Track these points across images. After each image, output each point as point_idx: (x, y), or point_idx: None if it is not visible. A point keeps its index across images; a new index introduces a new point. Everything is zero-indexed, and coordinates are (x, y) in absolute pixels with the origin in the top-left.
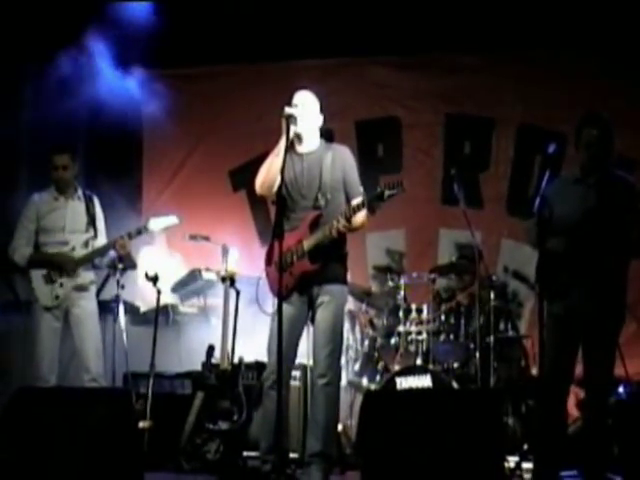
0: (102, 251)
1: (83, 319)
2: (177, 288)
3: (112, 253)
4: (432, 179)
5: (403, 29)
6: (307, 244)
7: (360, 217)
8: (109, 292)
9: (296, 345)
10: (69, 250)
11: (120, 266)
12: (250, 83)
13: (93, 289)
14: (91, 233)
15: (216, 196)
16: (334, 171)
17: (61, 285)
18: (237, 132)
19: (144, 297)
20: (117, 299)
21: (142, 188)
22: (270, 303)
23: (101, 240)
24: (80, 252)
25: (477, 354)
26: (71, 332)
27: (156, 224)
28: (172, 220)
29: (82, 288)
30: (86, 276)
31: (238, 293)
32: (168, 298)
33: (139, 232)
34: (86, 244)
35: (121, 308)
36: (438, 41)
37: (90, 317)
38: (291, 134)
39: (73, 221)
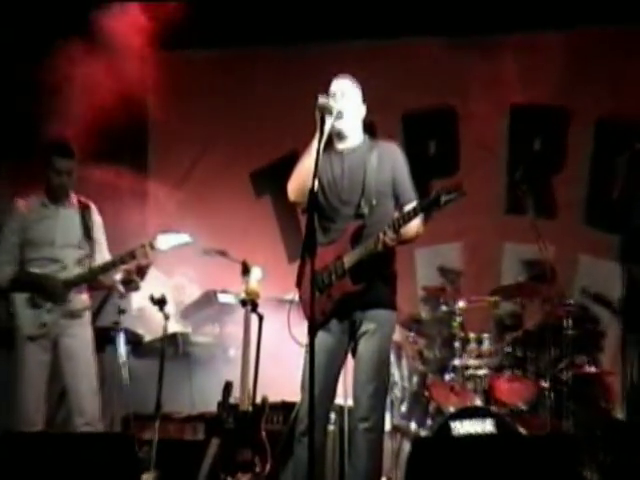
0: (106, 268)
1: (75, 351)
2: (188, 313)
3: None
4: (494, 183)
5: (460, 3)
6: (348, 260)
7: (413, 227)
8: (107, 318)
9: (334, 382)
10: (59, 269)
11: (121, 289)
12: (276, 69)
13: (87, 315)
14: (86, 249)
15: (235, 203)
16: (381, 172)
17: (49, 310)
18: (261, 127)
19: (149, 324)
20: (116, 327)
21: (146, 193)
22: (303, 331)
23: (103, 256)
24: (73, 271)
25: (549, 393)
26: (61, 366)
27: (165, 242)
28: (183, 238)
29: (74, 314)
30: (79, 300)
31: (261, 319)
32: (177, 325)
33: (146, 249)
34: (80, 262)
35: (121, 337)
36: (504, 18)
37: (84, 348)
38: (327, 129)
39: (65, 234)
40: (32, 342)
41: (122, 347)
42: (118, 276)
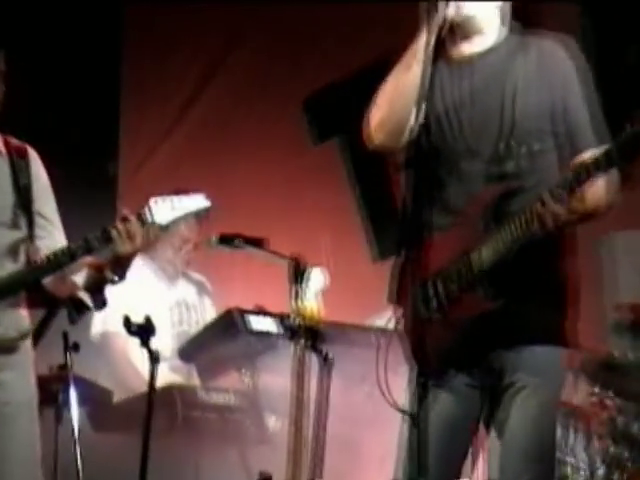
0: (61, 262)
1: (5, 410)
2: (195, 351)
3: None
4: None
5: None
6: (481, 257)
7: (599, 191)
8: (47, 358)
9: (457, 473)
10: None
11: (87, 301)
12: None
13: (27, 347)
14: (22, 228)
15: (272, 155)
16: (540, 93)
17: None
18: (314, 27)
19: (122, 370)
20: (63, 374)
21: (118, 149)
22: (402, 384)
23: (54, 240)
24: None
25: None
26: None
27: (164, 211)
28: (196, 203)
29: (3, 345)
30: (12, 320)
31: (326, 360)
32: (174, 373)
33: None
34: (12, 251)
35: (71, 394)
36: None
37: (20, 406)
38: (439, 21)
39: None
40: None
41: (73, 411)
42: (80, 277)
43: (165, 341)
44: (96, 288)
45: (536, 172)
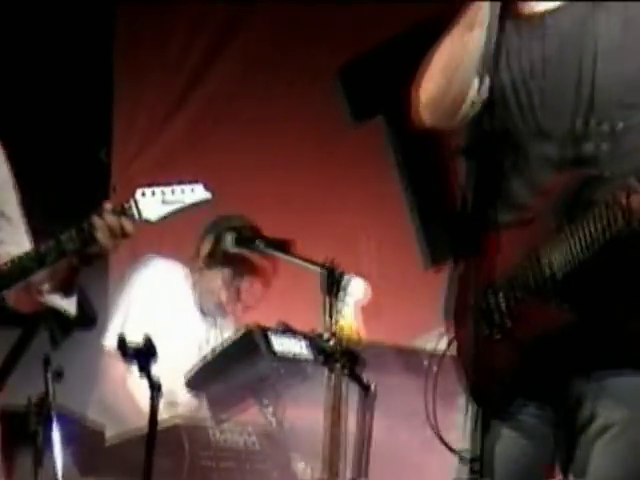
0: (30, 268)
1: None
2: (205, 378)
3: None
4: None
5: None
6: (556, 258)
7: None
8: (22, 389)
9: None
10: None
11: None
12: None
13: None
14: None
15: (297, 142)
16: (624, 59)
17: None
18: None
19: (115, 402)
20: (44, 410)
21: (110, 135)
22: (459, 420)
23: (16, 243)
24: None
25: None
26: None
27: (154, 204)
28: (195, 194)
29: None
30: None
31: (367, 390)
32: (180, 406)
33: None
34: None
35: (54, 432)
36: None
37: None
38: None
39: None
40: None
41: (56, 453)
42: (47, 286)
43: (167, 365)
44: (66, 282)
45: (620, 156)
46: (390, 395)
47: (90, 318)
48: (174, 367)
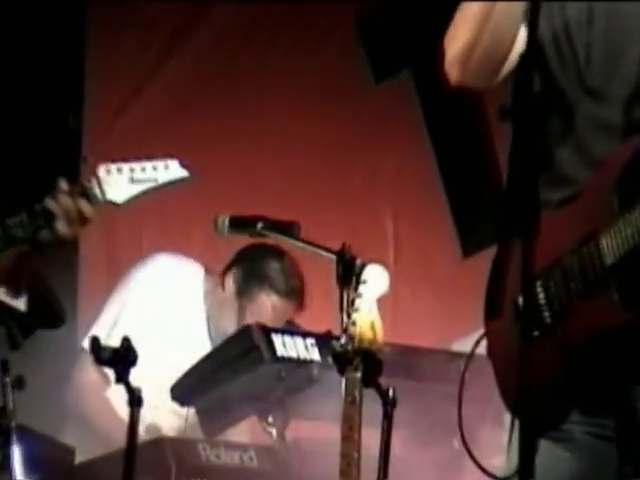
0: None
1: None
2: (193, 387)
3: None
4: None
5: None
6: (613, 243)
7: None
8: None
9: None
10: None
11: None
12: None
13: None
14: None
15: (301, 107)
16: None
17: None
18: None
19: (88, 416)
20: (2, 420)
21: (81, 100)
22: (498, 436)
23: None
24: None
25: None
26: None
27: (120, 184)
28: (170, 173)
29: None
30: None
31: (389, 400)
32: (168, 417)
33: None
34: None
35: (14, 452)
36: None
37: None
38: None
39: None
40: None
41: (16, 475)
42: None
43: (150, 369)
44: (12, 274)
45: None
46: (417, 405)
47: (57, 316)
48: (173, 373)
